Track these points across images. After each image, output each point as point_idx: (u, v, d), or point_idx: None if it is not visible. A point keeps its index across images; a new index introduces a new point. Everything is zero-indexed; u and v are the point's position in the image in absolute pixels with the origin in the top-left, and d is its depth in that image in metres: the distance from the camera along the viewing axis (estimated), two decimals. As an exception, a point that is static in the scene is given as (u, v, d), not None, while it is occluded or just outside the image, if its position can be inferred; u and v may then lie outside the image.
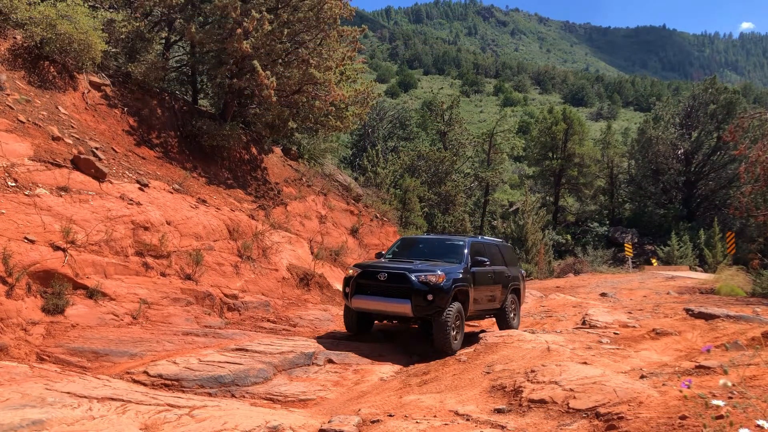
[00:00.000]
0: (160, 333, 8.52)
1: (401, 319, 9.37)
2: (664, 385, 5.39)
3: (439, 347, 8.56)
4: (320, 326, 10.67)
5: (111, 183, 10.41)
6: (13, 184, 8.70)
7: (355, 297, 9.08)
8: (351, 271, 9.44)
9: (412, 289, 8.56)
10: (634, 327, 9.97)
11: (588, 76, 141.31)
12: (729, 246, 30.38)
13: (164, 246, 10.24)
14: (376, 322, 9.99)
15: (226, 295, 10.84)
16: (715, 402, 2.70)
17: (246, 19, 13.91)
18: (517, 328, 10.69)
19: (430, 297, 8.50)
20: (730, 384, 2.95)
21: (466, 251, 9.69)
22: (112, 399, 5.16)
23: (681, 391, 4.47)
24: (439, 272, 8.74)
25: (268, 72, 14.13)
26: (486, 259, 9.63)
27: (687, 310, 10.45)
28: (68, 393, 5.11)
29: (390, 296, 8.77)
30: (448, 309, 8.60)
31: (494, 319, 10.90)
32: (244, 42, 13.81)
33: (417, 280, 8.61)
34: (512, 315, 10.83)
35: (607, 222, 42.41)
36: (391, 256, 10.39)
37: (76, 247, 8.72)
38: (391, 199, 23.61)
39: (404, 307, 8.66)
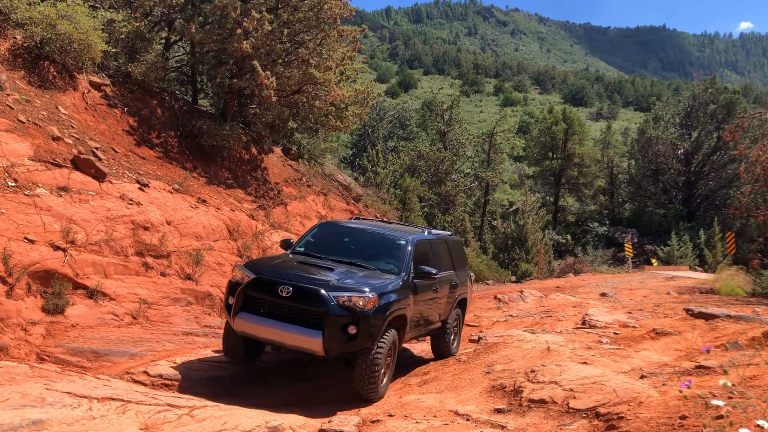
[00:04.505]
0: (160, 333, 8.52)
1: (309, 356, 6.39)
2: (664, 385, 5.38)
3: (361, 393, 6.10)
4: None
5: (111, 183, 10.41)
6: (13, 184, 8.70)
7: (240, 315, 6.18)
8: (238, 274, 6.39)
9: (328, 315, 5.83)
10: (634, 327, 9.95)
11: (588, 76, 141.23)
12: (729, 246, 30.39)
13: (164, 246, 10.24)
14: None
15: (226, 295, 10.85)
16: (715, 402, 2.70)
17: (246, 19, 13.91)
18: (455, 354, 8.30)
19: (352, 329, 5.84)
20: (730, 384, 2.95)
21: (408, 255, 7.00)
22: (112, 399, 5.15)
23: (681, 391, 4.47)
24: (368, 293, 5.99)
25: (268, 72, 14.13)
26: (434, 270, 7.00)
27: (687, 310, 10.43)
28: (68, 393, 5.10)
29: (293, 322, 5.95)
30: (380, 343, 6.02)
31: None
32: (244, 42, 13.81)
33: (336, 303, 5.87)
34: (453, 337, 8.43)
35: (607, 222, 42.40)
36: (303, 249, 7.41)
37: (76, 247, 8.72)
38: (391, 199, 23.61)
39: (312, 342, 5.87)
